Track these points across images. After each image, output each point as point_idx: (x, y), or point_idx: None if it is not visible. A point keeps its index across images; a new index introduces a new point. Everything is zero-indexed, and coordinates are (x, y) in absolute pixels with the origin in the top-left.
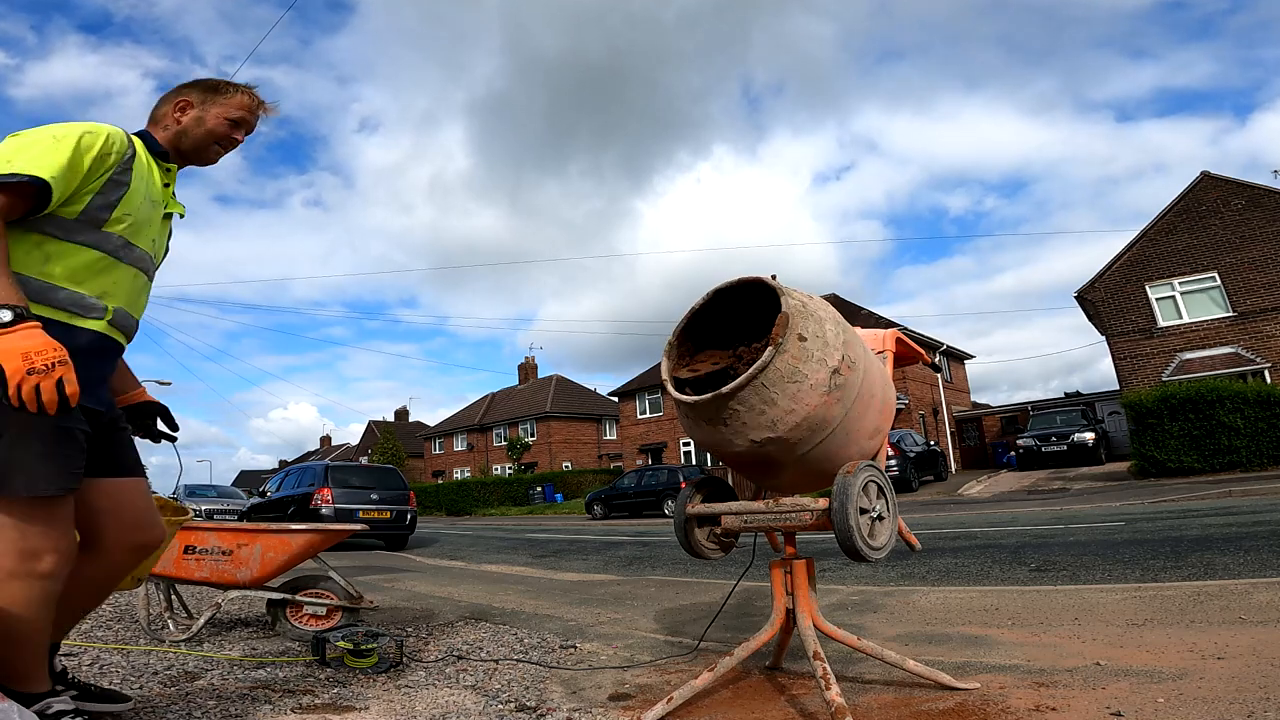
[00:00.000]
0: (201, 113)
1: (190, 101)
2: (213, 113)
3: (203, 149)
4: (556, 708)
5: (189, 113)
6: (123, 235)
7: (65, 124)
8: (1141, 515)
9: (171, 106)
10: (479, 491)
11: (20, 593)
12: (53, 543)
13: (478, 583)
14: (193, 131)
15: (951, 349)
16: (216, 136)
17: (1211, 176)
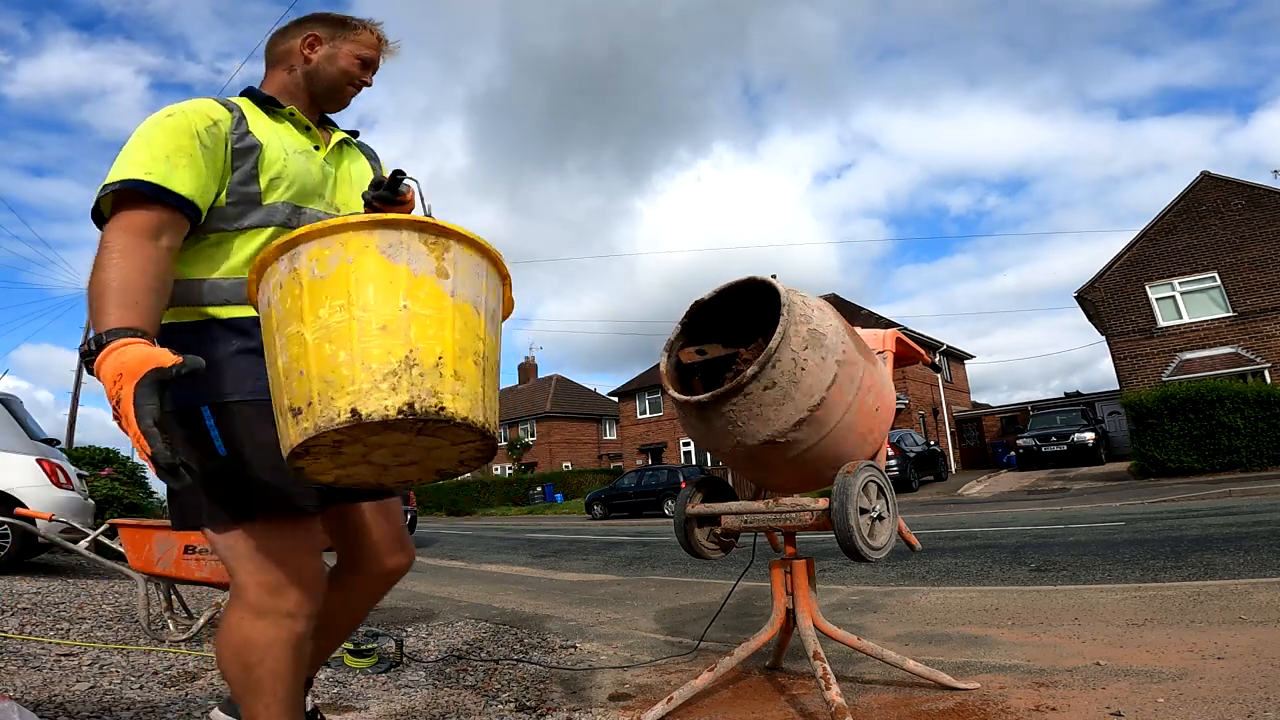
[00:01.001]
0: (333, 50)
1: (319, 37)
2: (344, 50)
3: (338, 89)
4: (556, 708)
5: (319, 49)
6: (288, 200)
7: (149, 122)
8: (1141, 515)
9: (299, 43)
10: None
11: (264, 634)
12: (294, 572)
13: (478, 583)
14: (325, 70)
15: (951, 349)
16: (350, 77)
17: (1211, 176)
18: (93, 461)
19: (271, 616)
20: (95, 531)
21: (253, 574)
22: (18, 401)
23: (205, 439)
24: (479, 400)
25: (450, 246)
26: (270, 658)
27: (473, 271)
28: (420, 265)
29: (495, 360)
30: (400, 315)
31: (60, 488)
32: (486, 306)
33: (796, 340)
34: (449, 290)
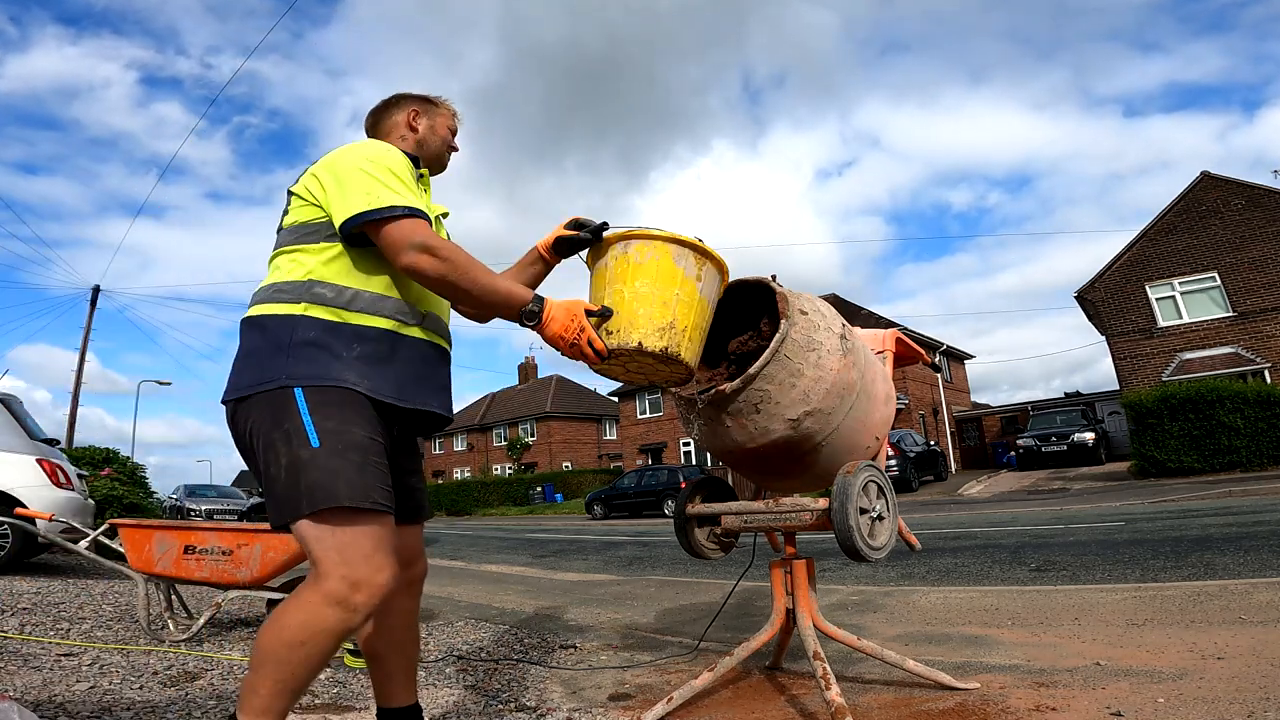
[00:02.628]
0: (432, 122)
1: (419, 111)
2: (439, 123)
3: (440, 156)
4: (556, 708)
5: (422, 121)
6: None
7: (368, 154)
8: (1141, 515)
9: (406, 116)
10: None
11: (329, 621)
12: (375, 570)
13: (478, 583)
14: (430, 141)
15: (951, 349)
16: (447, 145)
17: (1211, 176)
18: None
19: (342, 608)
20: (95, 531)
21: (338, 565)
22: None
23: (300, 430)
24: (697, 354)
25: (705, 263)
26: (317, 643)
27: (714, 280)
28: (689, 270)
29: (703, 329)
30: (673, 298)
31: (60, 488)
32: (713, 300)
33: (798, 335)
34: (700, 290)
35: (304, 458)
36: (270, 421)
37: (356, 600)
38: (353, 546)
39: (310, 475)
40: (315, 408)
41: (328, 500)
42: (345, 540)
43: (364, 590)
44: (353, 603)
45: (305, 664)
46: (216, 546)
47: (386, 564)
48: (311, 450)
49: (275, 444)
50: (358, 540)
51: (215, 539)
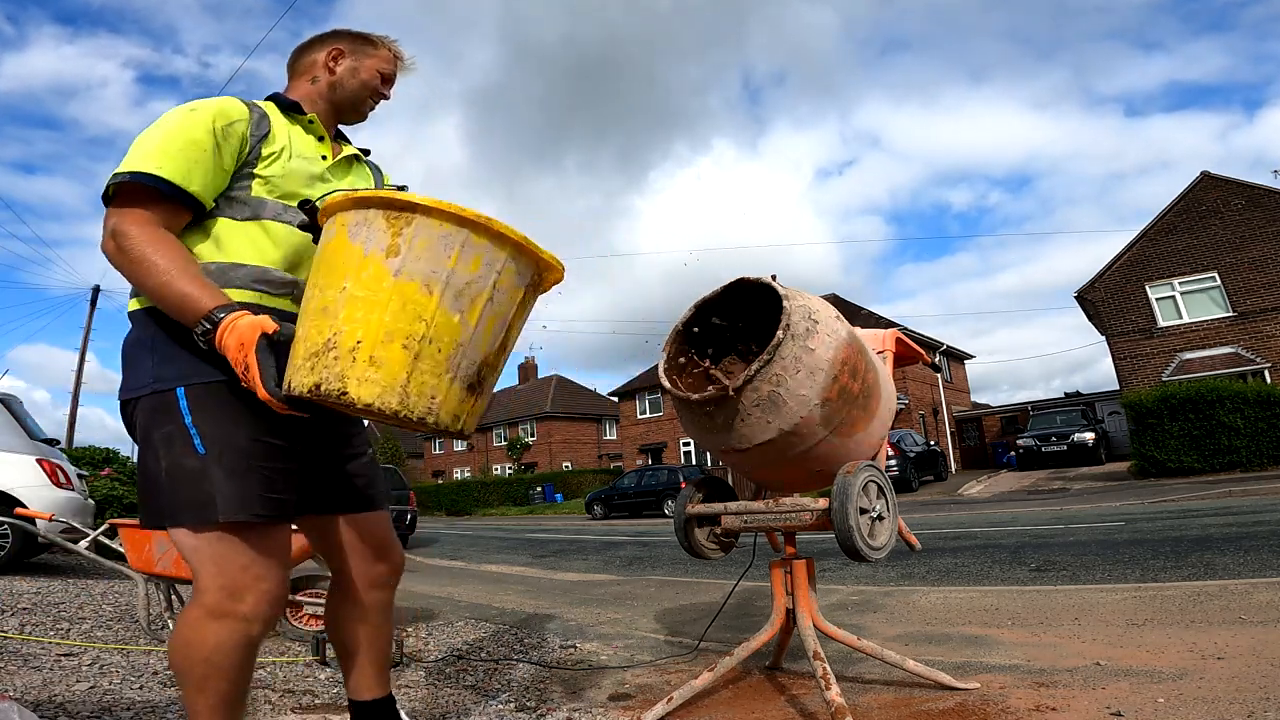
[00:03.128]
0: (355, 63)
1: (343, 50)
2: (366, 64)
3: (359, 102)
4: (556, 708)
5: (342, 62)
6: (278, 200)
7: (170, 115)
8: (1141, 515)
9: (324, 55)
10: (479, 491)
11: (217, 635)
12: (254, 579)
13: (478, 583)
14: (348, 83)
15: (951, 349)
16: (370, 90)
17: (1211, 176)
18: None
19: (228, 620)
20: (95, 531)
21: (215, 576)
22: (18, 401)
23: (183, 434)
24: (398, 387)
25: (413, 221)
26: (218, 657)
27: (436, 243)
28: (373, 244)
29: (455, 342)
30: (338, 297)
31: (60, 488)
32: (451, 283)
33: (798, 333)
34: (394, 269)
35: (186, 466)
36: (151, 423)
37: (242, 609)
38: (229, 558)
39: (188, 486)
40: (196, 410)
41: (203, 514)
42: (221, 552)
43: (248, 598)
44: (239, 612)
45: (222, 679)
46: None
47: (268, 571)
48: (197, 458)
49: (155, 447)
50: (235, 551)
51: None
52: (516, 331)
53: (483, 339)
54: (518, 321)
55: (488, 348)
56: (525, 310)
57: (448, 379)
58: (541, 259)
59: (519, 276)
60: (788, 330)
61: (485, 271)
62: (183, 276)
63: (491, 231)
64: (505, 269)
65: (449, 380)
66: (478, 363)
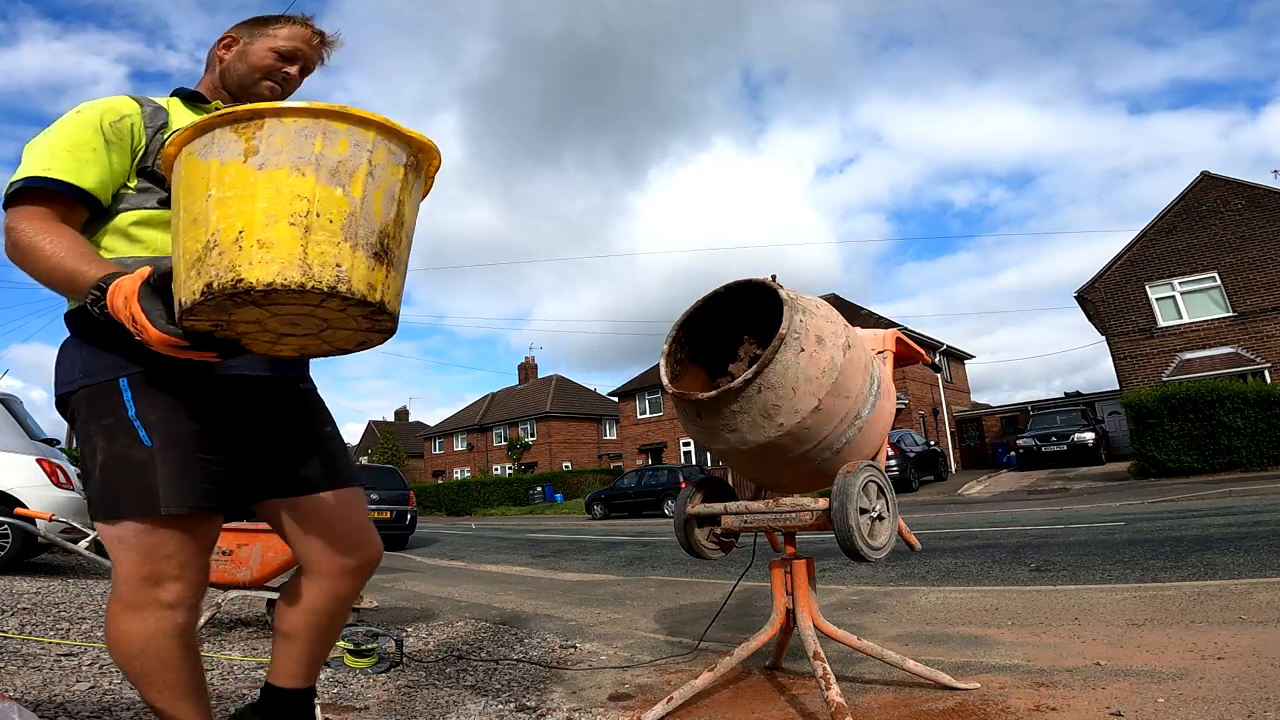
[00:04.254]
0: (245, 47)
1: (235, 37)
2: (256, 46)
3: (247, 85)
4: (556, 708)
5: (233, 49)
6: None
7: (58, 121)
8: (1141, 515)
9: (218, 45)
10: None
11: (142, 626)
12: (178, 568)
13: (478, 583)
14: (235, 67)
15: (951, 349)
16: (261, 69)
17: (1212, 176)
18: None
19: (149, 609)
20: (95, 531)
21: (136, 566)
22: (18, 401)
23: (126, 425)
24: (296, 260)
25: (263, 124)
26: (153, 648)
27: (295, 137)
28: (228, 153)
29: (344, 212)
30: (205, 205)
31: (60, 488)
32: (323, 164)
33: (799, 332)
34: (257, 165)
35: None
36: (91, 415)
37: (164, 596)
38: (157, 549)
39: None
40: (139, 400)
41: (144, 507)
42: (151, 544)
43: (170, 585)
44: (162, 599)
45: (166, 669)
46: (216, 547)
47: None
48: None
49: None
50: (163, 542)
51: None
52: (410, 212)
53: (374, 210)
54: (407, 199)
55: (382, 219)
56: (410, 190)
57: (348, 246)
58: (413, 139)
59: (393, 155)
60: (787, 331)
61: (355, 151)
62: (71, 255)
63: (350, 116)
64: (377, 148)
65: (350, 247)
66: (376, 232)
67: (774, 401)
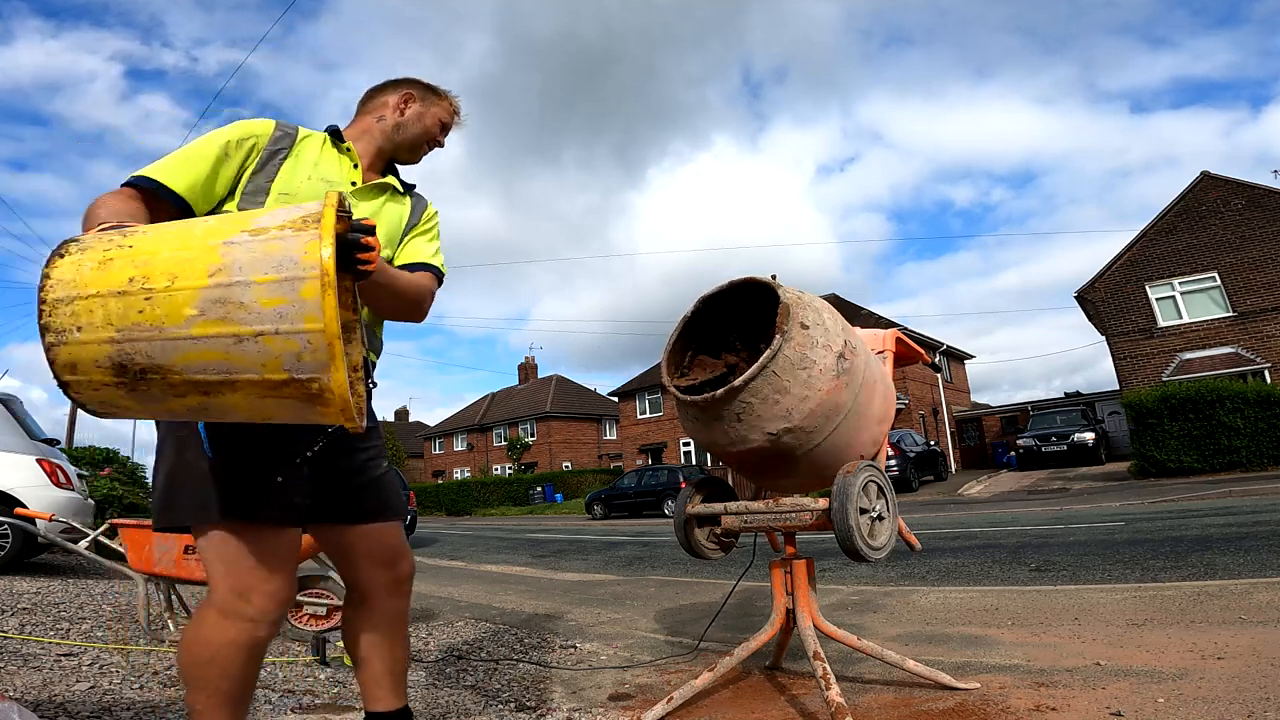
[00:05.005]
0: (423, 109)
1: (414, 95)
2: (432, 112)
3: (416, 146)
4: (556, 708)
5: (412, 106)
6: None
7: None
8: (1141, 515)
9: (397, 97)
10: (479, 491)
11: (222, 635)
12: (263, 580)
13: (478, 583)
14: (412, 126)
15: (951, 349)
16: (429, 136)
17: (1211, 176)
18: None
19: (234, 619)
20: (95, 531)
21: (224, 576)
22: (18, 401)
23: (195, 438)
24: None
25: None
26: (222, 657)
27: None
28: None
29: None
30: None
31: (60, 488)
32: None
33: (798, 335)
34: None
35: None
36: (170, 426)
37: (249, 610)
38: (240, 558)
39: (199, 487)
40: None
41: (212, 516)
42: (233, 552)
43: (254, 599)
44: (247, 612)
45: (224, 678)
46: None
47: (274, 573)
48: (206, 460)
49: (165, 448)
50: (244, 552)
51: None
52: None
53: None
54: None
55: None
56: None
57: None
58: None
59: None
60: (787, 332)
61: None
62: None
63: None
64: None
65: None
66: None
67: (774, 402)
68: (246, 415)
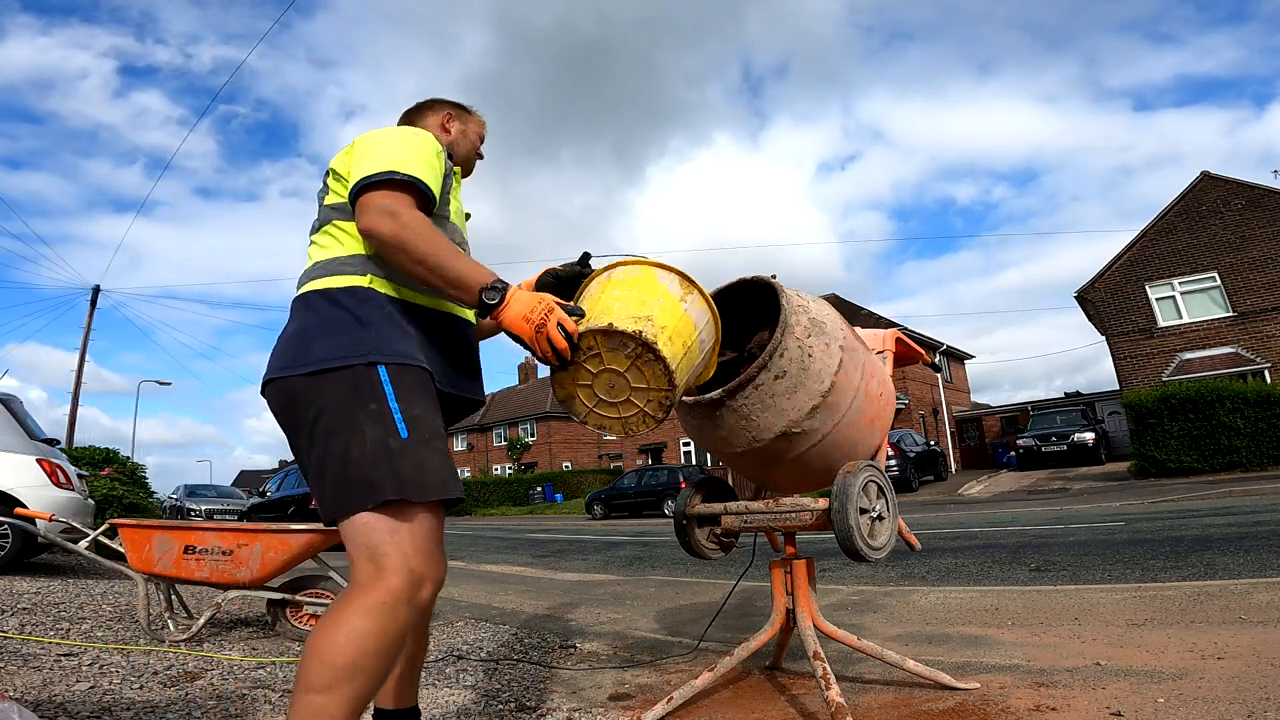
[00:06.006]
0: (464, 127)
1: (452, 115)
2: (471, 129)
3: (469, 160)
4: (556, 708)
5: (454, 125)
6: (459, 229)
7: (401, 129)
8: (1141, 515)
9: (440, 118)
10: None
11: (399, 624)
12: (438, 566)
13: (478, 583)
14: (461, 145)
15: (951, 349)
16: (476, 150)
17: (1212, 176)
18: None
19: (410, 606)
20: (95, 531)
21: (408, 558)
22: (18, 401)
23: (387, 416)
24: (678, 360)
25: (692, 291)
26: (395, 648)
27: (701, 313)
28: (673, 288)
29: (689, 362)
30: (653, 301)
31: (60, 488)
32: (703, 336)
33: (800, 330)
34: (684, 309)
35: (392, 446)
36: (350, 400)
37: (423, 597)
38: (423, 540)
39: (398, 464)
40: (399, 391)
41: (419, 493)
42: (418, 533)
43: (428, 585)
44: (419, 599)
45: (384, 673)
46: (216, 547)
47: (443, 557)
48: (400, 440)
49: (359, 425)
50: (427, 533)
51: (215, 539)
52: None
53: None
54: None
55: (690, 375)
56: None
57: (686, 377)
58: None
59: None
60: (787, 332)
61: (711, 341)
62: (462, 257)
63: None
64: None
65: (686, 379)
66: (689, 380)
67: (784, 391)
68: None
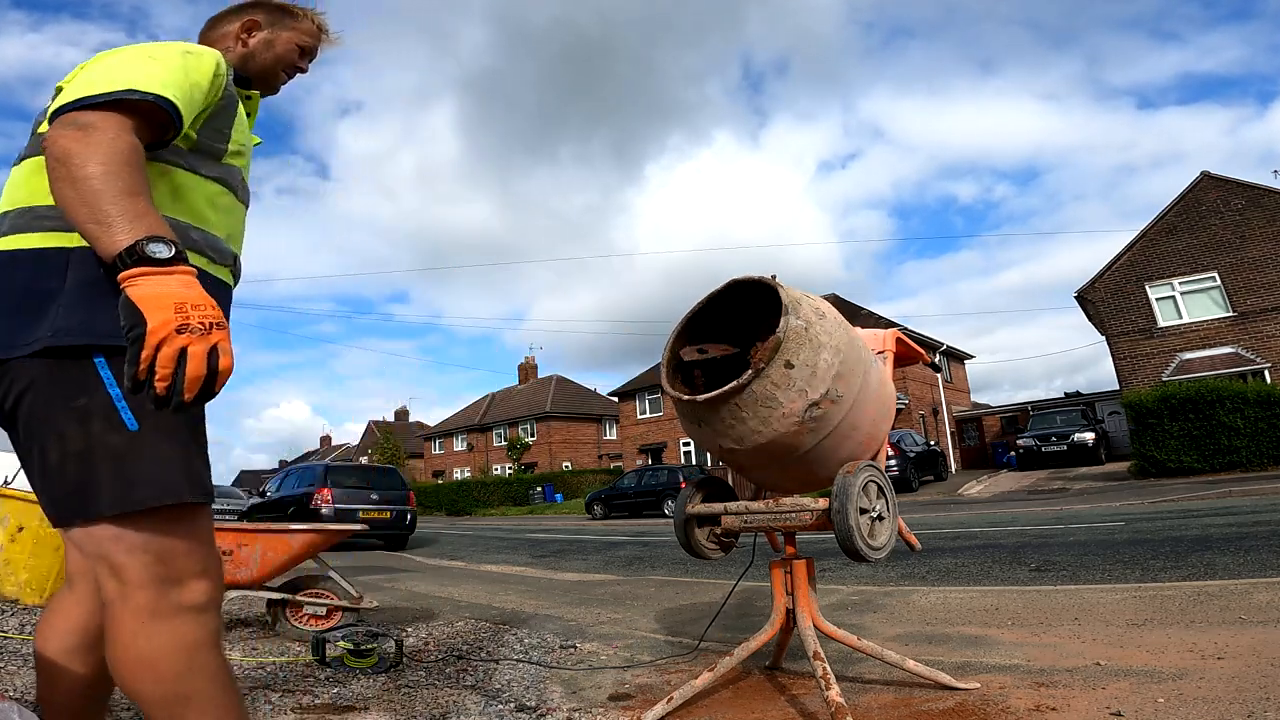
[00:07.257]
0: (271, 36)
1: (258, 22)
2: (283, 37)
3: (270, 77)
4: (556, 708)
5: (256, 35)
6: (240, 169)
7: (159, 44)
8: (1141, 515)
9: (237, 26)
10: (479, 491)
11: (178, 639)
12: (199, 564)
13: (478, 583)
14: (261, 56)
15: (952, 349)
16: (285, 64)
17: (1212, 176)
18: None
19: (179, 617)
20: None
21: (149, 567)
22: None
23: (107, 407)
24: None
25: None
26: (199, 664)
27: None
28: None
29: None
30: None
31: None
32: None
33: (800, 329)
34: None
35: (115, 444)
36: (58, 393)
37: (191, 598)
38: (172, 546)
39: (132, 465)
40: (117, 375)
41: (166, 496)
42: (201, 535)
43: (192, 585)
44: (194, 603)
45: (219, 688)
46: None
47: (211, 552)
48: (127, 434)
49: (70, 423)
50: (178, 538)
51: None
52: None
53: None
54: None
55: None
56: None
57: None
58: None
59: None
60: (786, 332)
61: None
62: (135, 195)
63: None
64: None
65: None
66: None
67: (772, 403)
68: None
